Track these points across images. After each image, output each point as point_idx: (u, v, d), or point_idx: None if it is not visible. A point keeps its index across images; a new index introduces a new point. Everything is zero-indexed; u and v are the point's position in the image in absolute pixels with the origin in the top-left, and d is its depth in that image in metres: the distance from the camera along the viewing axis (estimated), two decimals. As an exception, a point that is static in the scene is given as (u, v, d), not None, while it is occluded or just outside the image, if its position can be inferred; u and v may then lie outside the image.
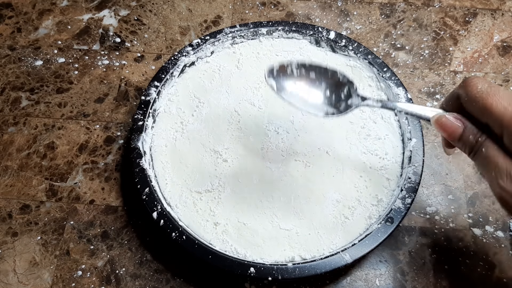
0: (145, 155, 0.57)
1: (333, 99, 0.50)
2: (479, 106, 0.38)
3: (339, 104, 0.50)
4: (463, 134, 0.40)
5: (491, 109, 0.37)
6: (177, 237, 0.51)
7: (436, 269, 0.55)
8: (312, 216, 0.54)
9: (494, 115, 0.37)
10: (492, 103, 0.37)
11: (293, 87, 0.50)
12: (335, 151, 0.58)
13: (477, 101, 0.38)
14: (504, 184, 0.36)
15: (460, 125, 0.40)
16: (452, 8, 0.74)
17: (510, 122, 0.36)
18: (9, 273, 0.56)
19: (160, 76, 0.62)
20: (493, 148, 0.38)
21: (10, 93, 0.68)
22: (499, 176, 0.36)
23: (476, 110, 0.39)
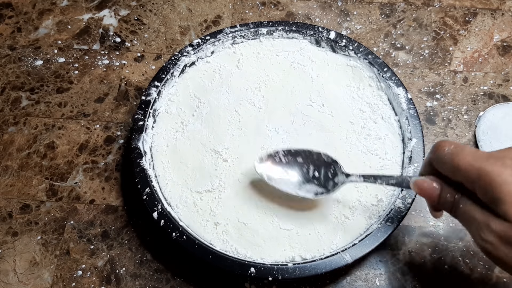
0: (146, 155, 0.57)
1: (321, 180, 0.54)
2: (449, 166, 0.41)
3: (327, 183, 0.53)
4: (441, 195, 0.43)
5: (458, 168, 0.39)
6: (178, 237, 0.51)
7: (436, 269, 0.55)
8: (312, 216, 0.54)
9: (462, 173, 0.39)
10: (459, 162, 0.39)
11: (283, 174, 0.54)
12: (335, 151, 0.58)
13: (446, 163, 0.41)
14: (484, 236, 0.38)
15: (437, 187, 0.43)
16: (452, 8, 0.74)
17: (476, 178, 0.38)
18: (9, 273, 0.56)
19: (160, 76, 0.62)
20: (469, 204, 0.40)
21: (10, 93, 0.68)
22: (479, 229, 0.38)
23: (448, 171, 0.41)
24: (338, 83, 0.63)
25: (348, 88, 0.63)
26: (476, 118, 0.64)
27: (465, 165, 0.39)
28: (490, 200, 0.37)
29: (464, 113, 0.65)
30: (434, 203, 0.44)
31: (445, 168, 0.41)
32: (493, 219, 0.37)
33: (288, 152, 0.55)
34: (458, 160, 0.40)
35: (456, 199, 0.41)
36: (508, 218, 0.36)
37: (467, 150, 0.40)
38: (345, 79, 0.63)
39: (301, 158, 0.55)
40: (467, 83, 0.67)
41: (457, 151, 0.40)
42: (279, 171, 0.55)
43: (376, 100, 0.61)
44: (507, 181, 0.36)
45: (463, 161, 0.39)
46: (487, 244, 0.38)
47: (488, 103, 0.65)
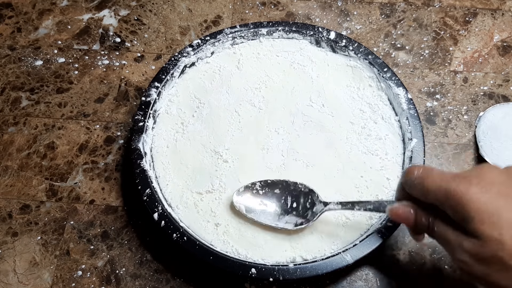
0: (146, 156, 0.57)
1: (299, 210, 0.54)
2: (419, 190, 0.42)
3: (306, 213, 0.53)
4: (416, 219, 0.44)
5: (428, 190, 0.41)
6: (178, 238, 0.51)
7: (436, 269, 0.55)
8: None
9: (432, 195, 0.41)
10: (428, 185, 0.41)
11: (261, 206, 0.55)
12: (336, 151, 0.58)
13: (416, 187, 0.42)
14: (459, 256, 0.39)
15: (412, 212, 0.44)
16: (452, 8, 0.74)
17: (444, 198, 0.39)
18: (9, 273, 0.56)
19: (160, 76, 0.62)
20: (442, 226, 0.41)
21: (10, 93, 0.68)
22: (453, 250, 0.40)
23: (419, 194, 0.42)
24: (338, 84, 0.63)
25: (348, 89, 0.63)
26: (476, 118, 0.64)
27: (434, 187, 0.40)
28: (460, 219, 0.38)
29: (464, 113, 0.65)
30: (411, 227, 0.45)
31: (416, 192, 0.43)
32: (465, 238, 0.38)
33: (265, 184, 0.55)
34: (427, 183, 0.41)
35: (430, 221, 0.42)
36: (478, 236, 0.37)
37: (435, 172, 0.41)
38: (345, 79, 0.63)
39: (278, 190, 0.55)
40: (467, 83, 0.67)
41: (425, 174, 0.42)
42: (257, 203, 0.55)
43: (376, 100, 0.61)
44: (473, 199, 0.37)
45: (431, 183, 0.41)
46: (462, 264, 0.39)
47: (488, 103, 0.65)
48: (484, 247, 0.37)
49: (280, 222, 0.54)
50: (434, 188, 0.40)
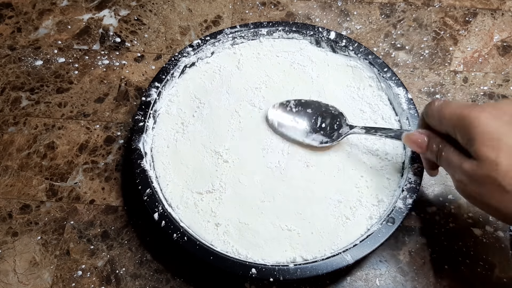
0: (146, 156, 0.57)
1: (327, 130, 0.58)
2: (436, 118, 0.46)
3: (332, 134, 0.58)
4: (428, 145, 0.48)
5: (444, 117, 0.44)
6: (179, 238, 0.51)
7: (436, 269, 0.55)
8: (313, 217, 0.54)
9: (446, 121, 0.44)
10: (445, 112, 0.44)
11: (292, 122, 0.59)
12: (336, 151, 0.58)
13: (434, 115, 0.46)
14: (457, 176, 0.43)
15: (425, 138, 0.48)
16: (452, 8, 0.74)
17: (457, 122, 0.43)
18: (9, 273, 0.56)
19: (160, 77, 0.62)
20: (449, 150, 0.45)
21: (10, 93, 0.68)
22: (454, 170, 0.44)
23: (435, 122, 0.46)
24: (338, 84, 0.63)
25: (348, 89, 0.63)
26: (476, 118, 0.64)
27: (449, 113, 0.44)
28: (466, 141, 0.42)
29: (464, 113, 0.65)
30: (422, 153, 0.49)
31: (433, 120, 0.46)
32: (465, 160, 0.42)
33: (299, 103, 0.60)
34: (444, 110, 0.44)
35: (440, 147, 0.46)
36: (477, 156, 0.41)
37: (453, 102, 0.45)
38: (345, 79, 0.63)
39: (310, 109, 0.59)
40: (467, 83, 0.67)
41: (445, 104, 0.45)
42: (288, 119, 0.59)
43: (376, 100, 0.61)
44: (481, 123, 0.41)
45: (448, 110, 0.44)
46: (459, 183, 0.44)
47: (488, 103, 0.65)
48: (480, 167, 0.41)
49: (307, 139, 0.58)
50: (449, 115, 0.44)
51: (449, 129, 0.44)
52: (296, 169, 0.57)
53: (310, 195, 0.56)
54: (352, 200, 0.55)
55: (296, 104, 0.60)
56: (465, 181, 0.43)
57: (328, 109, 0.59)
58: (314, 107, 0.59)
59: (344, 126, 0.57)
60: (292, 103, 0.60)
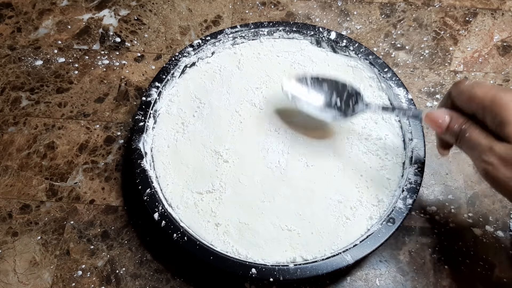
0: (146, 156, 0.57)
1: (342, 107, 0.57)
2: (466, 96, 0.44)
3: (347, 109, 0.56)
4: (449, 125, 0.46)
5: (474, 96, 0.43)
6: (179, 238, 0.51)
7: (436, 269, 0.55)
8: (313, 217, 0.54)
9: (476, 100, 0.43)
10: (475, 92, 0.43)
11: (307, 96, 0.58)
12: (336, 151, 0.58)
13: (464, 93, 0.44)
14: (486, 158, 0.42)
15: (447, 117, 0.46)
16: (452, 8, 0.74)
17: (489, 103, 0.42)
18: (9, 273, 0.56)
19: (161, 76, 0.62)
20: (475, 131, 0.43)
21: (10, 93, 0.68)
22: (482, 152, 0.42)
23: (464, 101, 0.45)
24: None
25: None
26: (476, 119, 0.64)
27: (482, 93, 0.43)
28: (497, 123, 0.41)
29: (464, 114, 0.65)
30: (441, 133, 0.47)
31: (462, 98, 0.45)
32: (497, 142, 0.41)
33: (316, 79, 0.58)
34: (476, 89, 0.43)
35: (463, 128, 0.44)
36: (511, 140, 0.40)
37: (485, 84, 0.44)
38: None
39: (327, 86, 0.58)
40: (467, 83, 0.67)
41: (476, 84, 0.44)
42: (303, 93, 0.58)
43: (377, 100, 0.61)
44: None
45: (480, 90, 0.43)
46: (488, 166, 0.42)
47: (488, 104, 0.65)
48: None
49: (321, 113, 0.57)
50: (481, 94, 0.42)
51: (478, 110, 0.43)
52: (296, 169, 0.57)
53: (310, 195, 0.56)
54: (352, 200, 0.55)
55: (313, 79, 0.58)
56: (496, 164, 0.41)
57: (346, 88, 0.57)
58: (330, 84, 0.58)
59: (360, 104, 0.56)
60: (309, 78, 0.58)
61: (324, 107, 0.57)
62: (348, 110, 0.56)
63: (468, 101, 0.44)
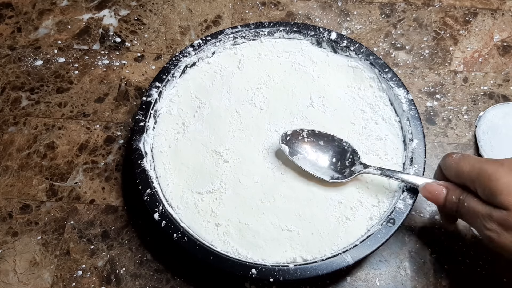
0: (147, 156, 0.57)
1: (338, 165, 0.56)
2: (454, 171, 0.47)
3: (343, 170, 0.56)
4: (447, 197, 0.48)
5: (462, 171, 0.46)
6: (179, 238, 0.51)
7: (436, 269, 0.55)
8: (313, 217, 0.54)
9: (465, 175, 0.45)
10: (463, 166, 0.46)
11: (304, 152, 0.57)
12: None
13: (451, 169, 0.47)
14: (488, 225, 0.43)
15: (444, 190, 0.48)
16: (452, 7, 0.74)
17: (476, 176, 0.44)
18: (9, 273, 0.56)
19: (161, 76, 0.62)
20: (473, 200, 0.45)
21: (10, 93, 0.68)
22: (483, 220, 0.44)
23: (453, 175, 0.47)
24: (339, 84, 0.63)
25: (349, 89, 0.63)
26: (476, 118, 0.64)
27: (468, 168, 0.45)
28: (488, 194, 0.43)
29: (464, 113, 0.65)
30: (440, 205, 0.49)
31: (451, 172, 0.48)
32: (494, 209, 0.42)
33: (312, 133, 0.58)
34: (463, 164, 0.46)
35: (461, 199, 0.46)
36: (506, 207, 0.41)
37: (471, 157, 0.47)
38: (346, 80, 0.63)
39: (323, 142, 0.58)
40: (467, 83, 0.67)
41: (463, 157, 0.47)
42: (300, 149, 0.57)
43: (377, 101, 0.61)
44: (502, 176, 0.42)
45: (466, 164, 0.46)
46: (491, 233, 0.43)
47: (488, 103, 0.65)
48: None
49: (318, 172, 0.56)
50: (468, 169, 0.45)
51: (468, 183, 0.45)
52: (297, 170, 0.57)
53: (310, 196, 0.56)
54: (353, 200, 0.55)
55: (309, 134, 0.58)
56: (498, 231, 0.42)
57: (342, 144, 0.57)
58: (327, 139, 0.58)
59: (357, 164, 0.55)
60: (305, 133, 0.58)
61: (322, 165, 0.57)
62: (346, 170, 0.56)
63: (456, 175, 0.47)
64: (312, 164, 0.56)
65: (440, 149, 0.62)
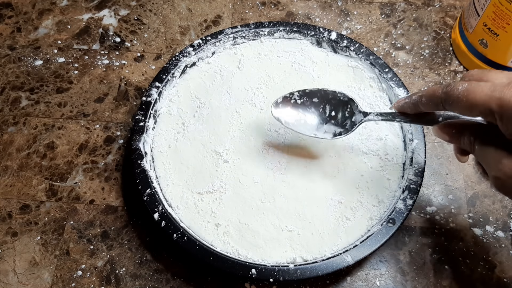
0: (146, 156, 0.57)
1: (338, 119, 0.55)
2: (464, 104, 0.39)
3: (345, 123, 0.54)
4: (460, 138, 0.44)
5: (476, 104, 0.38)
6: (179, 238, 0.51)
7: (436, 269, 0.55)
8: (313, 217, 0.54)
9: (480, 107, 0.37)
10: (475, 98, 0.38)
11: (299, 116, 0.55)
12: (337, 151, 0.58)
13: (461, 102, 0.39)
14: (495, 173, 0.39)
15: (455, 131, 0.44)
16: (452, 7, 0.74)
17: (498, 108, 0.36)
18: (9, 273, 0.56)
19: (161, 76, 0.62)
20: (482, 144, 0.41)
21: (10, 93, 0.68)
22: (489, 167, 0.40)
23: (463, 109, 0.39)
24: (339, 84, 0.63)
25: (349, 89, 0.63)
26: (476, 119, 0.64)
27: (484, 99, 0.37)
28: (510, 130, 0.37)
29: (464, 114, 0.65)
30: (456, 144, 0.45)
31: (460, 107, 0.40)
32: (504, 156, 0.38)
33: (304, 93, 0.56)
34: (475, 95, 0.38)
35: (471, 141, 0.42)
36: None
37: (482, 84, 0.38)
38: (346, 80, 0.63)
39: (317, 98, 0.55)
40: (467, 83, 0.67)
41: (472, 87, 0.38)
42: (295, 114, 0.56)
43: (377, 101, 0.61)
44: None
45: (481, 95, 0.37)
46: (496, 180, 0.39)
47: (488, 104, 0.65)
48: None
49: (319, 132, 0.55)
50: (484, 100, 0.37)
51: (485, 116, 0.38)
52: (297, 170, 0.57)
53: (310, 196, 0.56)
54: (353, 200, 0.55)
55: (301, 95, 0.56)
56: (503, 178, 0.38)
57: (336, 96, 0.55)
58: (320, 95, 0.55)
59: (357, 114, 0.53)
60: (296, 95, 0.56)
61: (321, 122, 0.55)
62: (347, 122, 0.54)
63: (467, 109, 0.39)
64: (312, 126, 0.55)
65: (440, 149, 0.62)
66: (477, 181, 0.60)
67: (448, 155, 0.62)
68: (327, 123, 0.55)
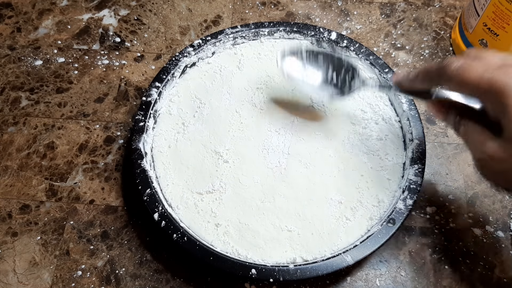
0: (146, 156, 0.57)
1: (338, 82, 0.56)
2: (457, 82, 0.40)
3: (343, 86, 0.56)
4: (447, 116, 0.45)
5: (468, 83, 0.39)
6: (179, 238, 0.51)
7: (436, 269, 0.55)
8: (313, 217, 0.54)
9: (471, 86, 0.39)
10: (468, 76, 0.39)
11: (303, 72, 0.57)
12: (337, 151, 0.58)
13: (454, 78, 0.40)
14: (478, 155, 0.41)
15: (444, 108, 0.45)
16: (452, 7, 0.74)
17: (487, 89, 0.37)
18: (8, 273, 0.56)
19: (161, 76, 0.62)
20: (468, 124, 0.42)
21: (10, 93, 0.68)
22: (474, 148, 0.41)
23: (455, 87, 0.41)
24: (339, 84, 0.63)
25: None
26: (476, 119, 0.64)
27: (475, 78, 0.38)
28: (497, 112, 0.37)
29: (464, 114, 0.65)
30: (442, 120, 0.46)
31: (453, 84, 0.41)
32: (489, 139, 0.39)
33: (311, 52, 0.57)
34: (468, 74, 0.39)
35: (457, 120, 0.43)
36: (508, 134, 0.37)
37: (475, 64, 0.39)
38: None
39: (322, 60, 0.57)
40: (467, 83, 0.67)
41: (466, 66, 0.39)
42: (299, 69, 0.57)
43: (377, 101, 0.61)
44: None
45: (473, 74, 0.38)
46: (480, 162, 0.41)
47: (488, 104, 0.65)
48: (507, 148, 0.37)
49: (318, 91, 0.57)
50: (475, 79, 0.38)
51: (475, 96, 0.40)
52: (297, 170, 0.57)
53: (310, 196, 0.56)
54: (353, 200, 0.55)
55: (308, 53, 0.57)
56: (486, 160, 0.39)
57: (341, 62, 0.56)
58: (326, 58, 0.57)
59: (357, 80, 0.55)
60: (304, 52, 0.57)
61: (321, 84, 0.57)
62: (345, 87, 0.55)
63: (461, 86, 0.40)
64: (312, 87, 0.57)
65: (440, 149, 0.62)
66: (477, 181, 0.60)
67: (448, 155, 0.62)
68: (326, 85, 0.57)
